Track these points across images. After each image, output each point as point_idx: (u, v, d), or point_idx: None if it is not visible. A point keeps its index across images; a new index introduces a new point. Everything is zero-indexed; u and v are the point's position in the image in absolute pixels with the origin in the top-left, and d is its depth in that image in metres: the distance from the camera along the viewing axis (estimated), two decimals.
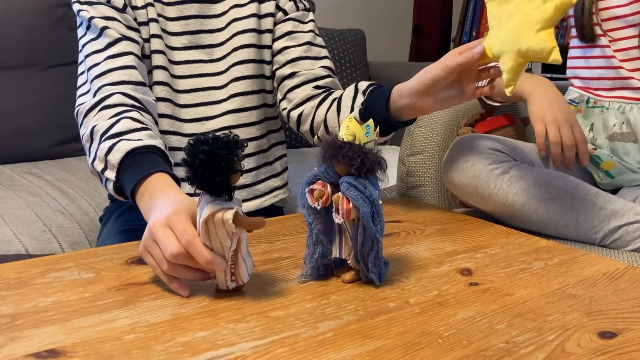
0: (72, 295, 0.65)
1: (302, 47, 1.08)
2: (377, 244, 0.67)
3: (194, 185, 0.62)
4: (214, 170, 0.60)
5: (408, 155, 1.31)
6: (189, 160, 0.61)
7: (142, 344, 0.55)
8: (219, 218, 0.61)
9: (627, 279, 0.74)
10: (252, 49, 1.07)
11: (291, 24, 1.09)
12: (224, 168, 0.60)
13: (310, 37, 1.10)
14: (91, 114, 0.89)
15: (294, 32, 1.09)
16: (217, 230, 0.62)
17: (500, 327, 0.60)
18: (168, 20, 1.02)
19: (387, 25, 3.09)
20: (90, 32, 0.96)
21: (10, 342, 0.55)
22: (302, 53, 1.08)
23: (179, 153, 1.04)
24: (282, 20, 1.09)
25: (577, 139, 1.11)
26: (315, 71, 1.08)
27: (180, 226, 0.64)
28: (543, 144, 1.12)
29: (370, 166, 0.66)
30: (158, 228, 0.65)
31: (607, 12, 1.19)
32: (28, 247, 1.17)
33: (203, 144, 0.60)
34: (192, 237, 0.63)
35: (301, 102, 1.06)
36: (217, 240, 0.63)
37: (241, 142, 0.62)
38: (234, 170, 0.61)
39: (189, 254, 0.63)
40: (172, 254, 0.63)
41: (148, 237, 0.66)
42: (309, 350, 0.54)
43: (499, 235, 0.90)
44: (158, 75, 1.00)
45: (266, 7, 1.09)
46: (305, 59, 1.08)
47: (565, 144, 1.10)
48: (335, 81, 1.10)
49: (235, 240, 0.63)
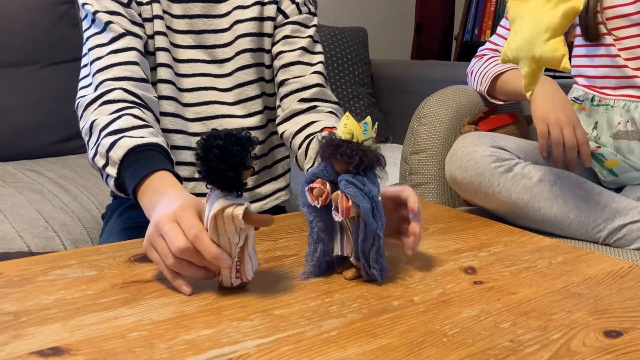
0: (75, 293, 0.65)
1: (296, 52, 1.06)
2: (379, 240, 0.67)
3: (205, 180, 0.62)
4: (227, 166, 0.60)
5: (411, 154, 1.31)
6: (202, 154, 0.61)
7: (145, 341, 0.55)
8: (229, 213, 0.61)
9: (631, 278, 0.73)
10: (254, 54, 1.06)
11: (290, 28, 1.07)
12: (237, 163, 0.61)
13: (307, 43, 1.07)
14: (91, 108, 0.89)
15: (291, 37, 1.07)
16: (225, 225, 0.62)
17: (505, 326, 0.60)
18: (173, 17, 1.02)
19: (389, 23, 3.08)
20: (94, 25, 0.96)
21: (13, 339, 0.55)
22: (294, 58, 1.06)
23: (182, 152, 1.03)
24: (282, 24, 1.07)
25: (579, 140, 1.10)
26: (304, 79, 1.05)
27: (187, 221, 0.64)
28: (545, 144, 1.12)
29: (369, 163, 0.66)
30: (165, 222, 0.65)
31: (612, 11, 1.18)
32: (30, 244, 1.17)
33: (217, 139, 0.60)
34: (199, 231, 0.62)
35: (286, 118, 1.05)
36: (224, 236, 0.63)
37: (253, 139, 0.62)
38: (246, 166, 0.62)
39: (196, 249, 0.63)
40: (179, 248, 0.63)
41: (154, 231, 0.66)
42: (314, 349, 0.54)
43: (503, 234, 0.90)
44: (162, 73, 1.00)
45: (268, 10, 1.07)
46: (297, 64, 1.06)
47: (567, 145, 1.10)
48: (325, 91, 1.06)
49: (243, 237, 0.63)
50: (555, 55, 0.77)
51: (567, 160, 1.11)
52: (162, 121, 1.01)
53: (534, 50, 0.79)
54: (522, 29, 0.83)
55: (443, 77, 2.10)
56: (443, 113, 1.31)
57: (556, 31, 0.78)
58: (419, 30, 3.11)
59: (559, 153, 1.10)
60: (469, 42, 2.97)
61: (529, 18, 0.82)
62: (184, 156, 1.03)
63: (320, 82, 1.06)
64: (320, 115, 1.02)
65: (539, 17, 0.81)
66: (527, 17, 0.83)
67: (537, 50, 0.79)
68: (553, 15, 0.79)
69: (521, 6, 0.85)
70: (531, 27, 0.81)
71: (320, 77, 1.07)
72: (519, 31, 0.83)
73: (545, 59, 0.79)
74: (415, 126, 1.32)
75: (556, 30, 0.78)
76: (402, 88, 2.38)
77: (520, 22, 0.84)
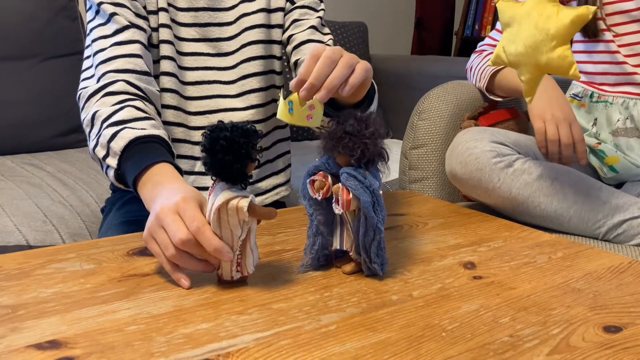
0: (73, 287, 0.65)
1: (306, 31, 1.06)
2: (379, 233, 0.67)
3: (211, 172, 0.62)
4: (234, 157, 0.60)
5: (411, 149, 1.31)
6: (209, 146, 0.61)
7: (143, 335, 0.55)
8: (233, 205, 0.61)
9: (631, 273, 0.73)
10: (261, 45, 1.06)
11: (298, 12, 1.07)
12: (243, 155, 0.61)
13: (316, 23, 1.07)
14: (93, 99, 0.88)
15: (300, 20, 1.07)
16: (229, 218, 0.62)
17: (504, 321, 0.60)
18: (178, 10, 1.01)
19: (389, 18, 3.08)
20: (99, 16, 0.96)
21: (11, 332, 0.55)
22: (305, 37, 1.06)
23: (183, 145, 1.03)
24: (290, 9, 1.08)
25: (575, 138, 1.10)
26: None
27: (189, 212, 0.63)
28: (543, 141, 1.11)
29: (371, 157, 0.65)
30: (167, 213, 0.64)
31: (612, 7, 1.18)
32: (29, 238, 1.17)
33: (223, 130, 0.60)
34: (201, 224, 0.62)
35: None
36: (227, 229, 0.62)
37: (259, 132, 0.62)
38: (252, 158, 0.62)
39: (197, 242, 0.63)
40: (180, 239, 0.62)
41: (155, 222, 0.66)
42: (312, 343, 0.54)
43: (502, 229, 0.90)
44: (165, 65, 1.00)
45: (276, 1, 1.07)
46: (309, 42, 1.05)
47: (563, 142, 1.10)
48: None
49: (246, 230, 0.63)
50: (563, 63, 0.76)
51: (563, 158, 1.11)
52: (164, 114, 1.00)
53: (539, 58, 0.78)
54: (524, 35, 0.81)
55: (443, 73, 2.10)
56: (443, 108, 1.31)
57: (564, 38, 0.77)
58: (419, 25, 3.10)
59: (554, 150, 1.10)
60: (469, 37, 2.96)
61: (529, 23, 0.81)
62: (184, 149, 1.03)
63: None
64: None
65: (542, 23, 0.79)
66: (526, 23, 0.82)
67: (542, 57, 0.78)
68: (560, 22, 0.77)
69: (515, 10, 0.84)
70: (535, 33, 0.79)
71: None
72: (518, 37, 0.82)
73: (553, 66, 0.78)
74: (415, 121, 1.31)
75: (564, 37, 0.77)
76: (401, 83, 2.37)
77: (518, 27, 0.83)
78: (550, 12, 0.79)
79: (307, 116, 0.60)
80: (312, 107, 0.60)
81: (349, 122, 0.65)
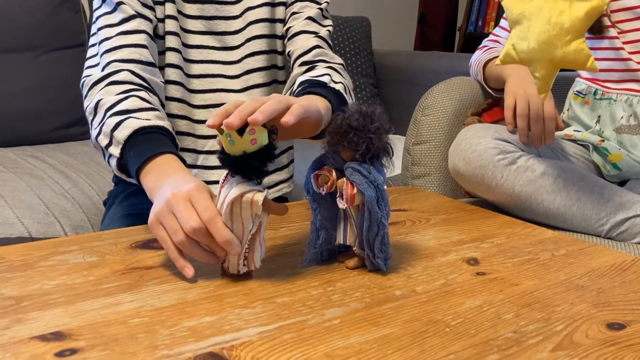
0: (76, 279, 0.65)
1: (302, 22, 1.05)
2: (383, 228, 0.67)
3: (230, 169, 0.63)
4: (254, 154, 0.61)
5: (414, 144, 1.31)
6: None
7: (147, 328, 0.55)
8: (248, 198, 0.61)
9: (634, 271, 0.73)
10: (265, 40, 1.05)
11: (298, 5, 1.06)
12: (264, 153, 0.62)
13: (315, 14, 1.05)
14: (97, 87, 0.88)
15: (298, 12, 1.06)
16: (242, 211, 0.62)
17: (507, 317, 0.60)
18: (185, 2, 1.01)
19: (392, 13, 3.07)
20: (105, 5, 0.95)
21: (15, 324, 0.55)
22: (300, 28, 1.04)
23: (186, 138, 1.03)
24: (291, 2, 1.07)
25: (546, 115, 1.09)
26: (305, 43, 1.03)
27: (202, 202, 0.63)
28: (510, 117, 1.11)
29: (375, 152, 0.65)
30: (179, 200, 0.64)
31: (617, 4, 1.17)
32: (31, 230, 1.17)
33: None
34: (214, 214, 0.62)
35: (289, 87, 1.03)
36: (239, 222, 0.63)
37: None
38: (273, 157, 0.63)
39: (208, 232, 0.63)
40: (192, 227, 0.62)
41: (164, 207, 0.65)
42: (316, 337, 0.54)
43: (505, 226, 0.90)
44: (170, 57, 0.99)
45: None
46: (302, 34, 1.04)
47: (532, 117, 1.09)
48: (325, 51, 1.03)
49: (257, 224, 0.63)
50: (580, 56, 0.76)
51: (532, 134, 1.09)
52: (168, 106, 1.00)
53: (554, 53, 0.78)
54: (536, 32, 0.80)
55: (446, 68, 2.09)
56: (446, 104, 1.30)
57: (579, 32, 0.77)
58: (423, 21, 3.10)
59: (522, 126, 1.09)
60: (472, 33, 2.95)
61: (541, 19, 0.80)
62: (187, 142, 1.03)
63: (319, 44, 1.03)
64: (316, 71, 0.99)
65: (555, 17, 0.79)
66: (537, 19, 0.81)
67: (557, 52, 0.77)
68: (574, 15, 0.77)
69: (524, 6, 0.84)
70: (548, 28, 0.79)
71: (321, 40, 1.04)
72: (530, 33, 0.81)
73: (569, 60, 0.77)
74: (419, 117, 1.31)
75: (579, 30, 0.76)
76: (404, 79, 2.37)
77: (528, 23, 0.82)
78: (563, 7, 0.78)
79: (251, 141, 0.60)
80: (252, 131, 0.60)
81: (354, 116, 0.65)
